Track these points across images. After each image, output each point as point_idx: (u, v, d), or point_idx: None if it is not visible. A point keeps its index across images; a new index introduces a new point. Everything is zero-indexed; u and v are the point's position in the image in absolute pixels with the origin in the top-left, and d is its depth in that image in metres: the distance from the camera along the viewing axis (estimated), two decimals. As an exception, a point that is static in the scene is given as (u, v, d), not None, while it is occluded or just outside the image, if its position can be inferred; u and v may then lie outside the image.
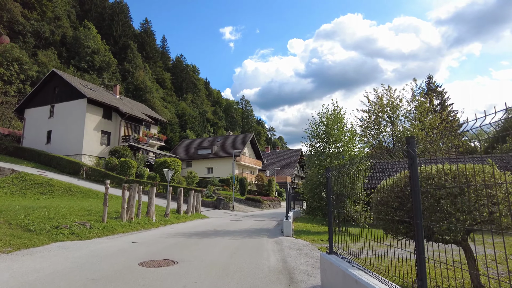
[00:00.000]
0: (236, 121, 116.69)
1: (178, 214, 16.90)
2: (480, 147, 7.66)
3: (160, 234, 10.81)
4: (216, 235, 10.80)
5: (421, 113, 30.07)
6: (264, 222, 17.51)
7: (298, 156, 64.65)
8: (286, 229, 10.96)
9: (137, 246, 8.01)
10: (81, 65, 66.12)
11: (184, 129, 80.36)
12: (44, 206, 12.02)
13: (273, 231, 12.76)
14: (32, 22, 62.55)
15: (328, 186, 4.86)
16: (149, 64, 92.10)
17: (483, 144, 28.63)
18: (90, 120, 32.52)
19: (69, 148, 31.93)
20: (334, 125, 14.17)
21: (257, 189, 41.79)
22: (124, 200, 11.82)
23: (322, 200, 13.43)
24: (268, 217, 22.16)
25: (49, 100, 34.71)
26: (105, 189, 11.03)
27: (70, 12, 77.91)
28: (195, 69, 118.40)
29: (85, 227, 9.64)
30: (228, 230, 12.63)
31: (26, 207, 11.70)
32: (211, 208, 26.92)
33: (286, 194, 13.42)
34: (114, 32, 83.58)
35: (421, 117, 29.97)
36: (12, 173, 23.76)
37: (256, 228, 13.69)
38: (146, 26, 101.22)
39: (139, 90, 74.09)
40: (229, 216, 21.74)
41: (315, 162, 13.91)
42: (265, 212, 29.30)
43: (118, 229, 10.66)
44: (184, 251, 7.40)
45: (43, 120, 34.42)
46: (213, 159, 46.37)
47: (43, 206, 12.10)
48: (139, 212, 12.97)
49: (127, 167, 29.20)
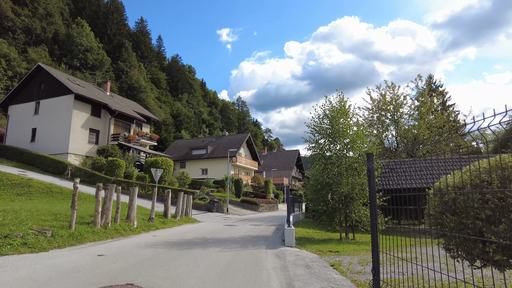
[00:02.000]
0: (232, 122, 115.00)
1: (165, 218, 15.14)
2: (487, 147, 6.18)
3: (138, 243, 9.09)
4: (205, 245, 9.10)
5: (423, 114, 28.66)
6: (261, 227, 15.82)
7: (295, 157, 63.05)
8: (288, 238, 9.27)
9: (101, 261, 6.30)
10: (73, 63, 64.29)
11: (179, 129, 78.54)
12: (2, 210, 10.25)
13: (272, 239, 11.07)
14: (22, 18, 60.63)
15: (371, 180, 3.11)
16: (144, 64, 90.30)
17: (491, 145, 27.25)
18: (78, 117, 30.69)
19: (55, 146, 30.07)
20: (340, 119, 12.55)
21: (253, 190, 40.08)
22: (98, 203, 10.09)
23: (328, 203, 11.75)
24: (265, 221, 20.47)
25: (35, 96, 32.83)
26: (74, 189, 9.30)
27: (63, 9, 76.05)
28: (191, 70, 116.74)
29: (44, 236, 7.90)
30: (220, 238, 10.93)
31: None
32: (204, 211, 25.18)
33: (287, 196, 11.76)
34: (108, 30, 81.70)
35: (423, 117, 28.56)
36: (-13, 172, 21.89)
37: (252, 236, 12.00)
38: (142, 25, 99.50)
39: (133, 89, 72.29)
40: (222, 220, 20.02)
41: (320, 160, 12.25)
42: (262, 215, 27.60)
43: (88, 237, 8.94)
44: (158, 270, 5.70)
45: (27, 117, 32.52)
46: (208, 159, 44.61)
47: (2, 210, 10.34)
48: (117, 217, 11.24)
49: (115, 167, 27.40)
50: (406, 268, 2.77)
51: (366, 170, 2.87)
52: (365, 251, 9.19)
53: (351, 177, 12.03)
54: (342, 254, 8.27)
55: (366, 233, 13.30)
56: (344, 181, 11.62)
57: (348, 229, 12.41)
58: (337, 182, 11.56)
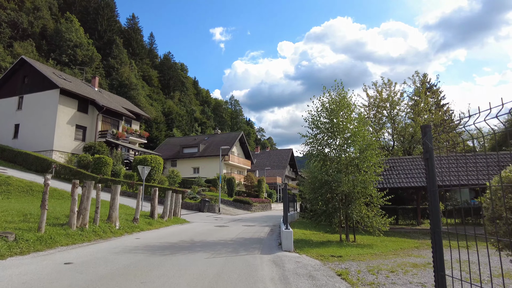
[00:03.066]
0: (225, 121, 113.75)
1: (151, 219, 14.08)
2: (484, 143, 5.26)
3: (115, 247, 8.07)
4: (192, 250, 8.12)
5: (420, 111, 28.05)
6: (255, 228, 14.88)
7: (288, 156, 62.25)
8: (285, 241, 8.33)
9: (66, 271, 5.29)
10: (62, 58, 62.39)
11: (171, 128, 77.15)
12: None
13: (267, 242, 10.14)
14: (8, 11, 58.70)
15: (429, 166, 2.09)
16: (136, 61, 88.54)
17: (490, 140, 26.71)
18: (63, 113, 29.32)
19: (39, 143, 28.67)
20: (340, 111, 11.67)
21: (246, 190, 39.10)
22: (74, 202, 9.03)
23: (328, 202, 10.84)
24: (258, 221, 19.54)
25: (18, 90, 31.33)
26: (45, 186, 8.26)
27: (51, 4, 74.05)
28: (184, 67, 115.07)
29: (5, 240, 6.84)
30: (209, 242, 9.95)
31: None
32: (194, 211, 24.14)
33: (283, 196, 10.85)
34: (99, 26, 79.80)
35: (421, 115, 27.96)
36: (-37, 170, 20.55)
37: (245, 238, 11.05)
38: (133, 22, 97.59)
39: (124, 86, 70.66)
40: (213, 220, 19.03)
41: (319, 156, 11.33)
42: (255, 215, 26.66)
43: (59, 241, 7.89)
44: (132, 283, 4.71)
45: (10, 112, 31.01)
46: (200, 158, 43.49)
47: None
48: (97, 217, 10.19)
49: (101, 164, 26.16)
50: None
51: (423, 150, 2.00)
52: (370, 255, 8.33)
53: (351, 174, 11.18)
54: (346, 259, 7.38)
55: (366, 235, 12.47)
56: (344, 179, 10.76)
57: (348, 230, 11.54)
58: (337, 179, 10.69)
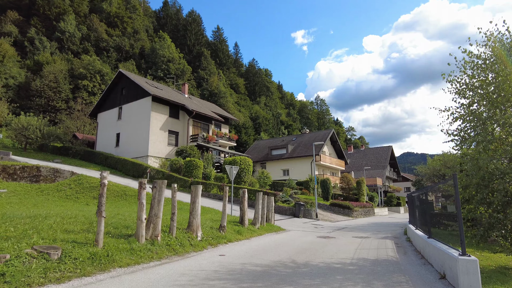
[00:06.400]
0: (311, 122, 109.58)
1: (241, 226, 11.71)
2: None
3: (189, 271, 5.68)
4: (297, 284, 5.21)
5: None
6: (371, 241, 11.28)
7: (388, 155, 55.16)
8: (466, 279, 4.73)
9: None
10: (157, 73, 67.69)
11: (258, 132, 77.02)
12: (26, 215, 7.97)
13: (409, 269, 6.65)
14: (114, 38, 66.25)
15: None
16: (223, 71, 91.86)
17: None
18: (156, 119, 30.06)
19: (136, 150, 29.88)
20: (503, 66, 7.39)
21: (343, 192, 34.86)
22: (142, 207, 7.05)
23: (507, 206, 6.74)
24: (369, 230, 15.71)
25: (117, 102, 33.55)
26: (101, 186, 6.36)
27: (148, 26, 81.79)
28: (268, 73, 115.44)
29: (45, 259, 5.00)
30: (319, 266, 6.92)
31: (18, 216, 7.81)
32: (288, 216, 21.38)
33: (456, 192, 7.18)
34: (188, 41, 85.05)
35: None
36: (71, 175, 21.81)
37: (371, 260, 7.68)
38: (218, 33, 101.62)
39: (214, 95, 73.36)
40: (313, 228, 15.90)
41: (479, 136, 7.31)
42: (359, 222, 22.61)
43: (118, 260, 5.87)
44: None
45: (112, 123, 33.35)
46: (289, 159, 40.85)
47: (44, 215, 8.08)
48: (173, 226, 8.13)
49: (192, 167, 25.59)
50: None
51: None
52: None
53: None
54: None
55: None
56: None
57: None
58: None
